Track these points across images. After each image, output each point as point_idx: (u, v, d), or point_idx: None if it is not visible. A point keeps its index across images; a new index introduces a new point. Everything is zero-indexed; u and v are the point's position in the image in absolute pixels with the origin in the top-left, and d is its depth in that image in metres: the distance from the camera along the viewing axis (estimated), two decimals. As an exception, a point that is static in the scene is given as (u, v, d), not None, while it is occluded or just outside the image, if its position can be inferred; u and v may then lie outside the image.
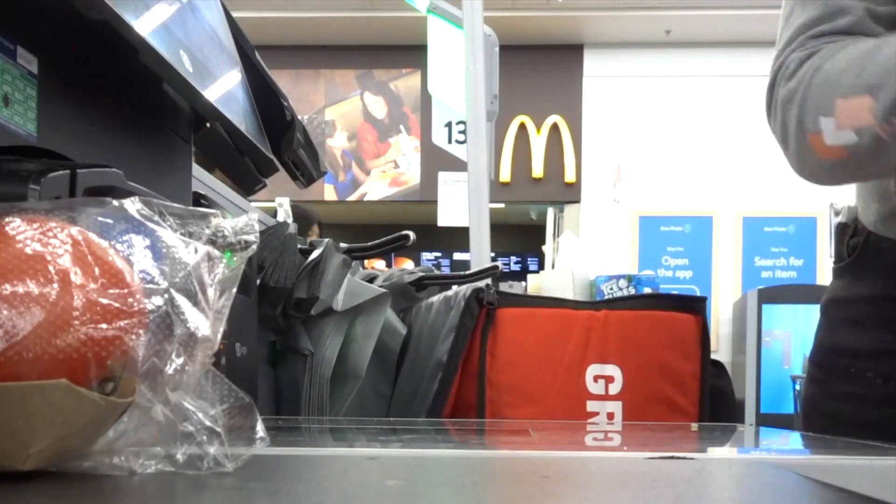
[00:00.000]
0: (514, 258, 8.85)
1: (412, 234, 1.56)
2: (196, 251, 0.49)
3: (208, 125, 1.00)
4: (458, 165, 3.78)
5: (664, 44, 7.26)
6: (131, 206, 0.50)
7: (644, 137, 7.23)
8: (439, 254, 8.74)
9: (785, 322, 6.45)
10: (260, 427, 0.50)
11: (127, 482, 0.45)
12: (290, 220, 2.72)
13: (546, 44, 7.27)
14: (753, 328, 6.48)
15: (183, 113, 0.98)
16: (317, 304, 1.32)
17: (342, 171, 7.57)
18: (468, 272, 1.94)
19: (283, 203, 3.39)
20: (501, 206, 7.22)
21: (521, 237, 8.70)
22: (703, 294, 5.29)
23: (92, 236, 0.46)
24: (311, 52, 7.46)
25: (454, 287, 1.64)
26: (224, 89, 0.94)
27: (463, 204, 3.41)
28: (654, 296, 3.02)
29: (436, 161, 6.05)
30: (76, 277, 0.43)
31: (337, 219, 7.50)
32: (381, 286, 1.52)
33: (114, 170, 0.66)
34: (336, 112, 7.60)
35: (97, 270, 0.45)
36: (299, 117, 1.21)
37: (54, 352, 0.42)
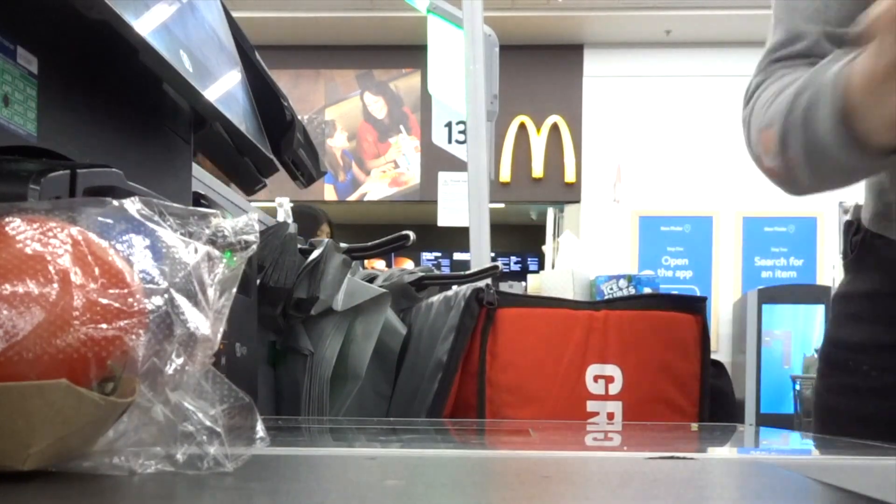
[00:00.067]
0: (514, 258, 8.86)
1: (412, 234, 1.56)
2: (196, 251, 0.49)
3: (208, 125, 1.00)
4: (458, 165, 3.78)
5: (664, 44, 7.26)
6: (131, 206, 0.50)
7: (644, 137, 7.23)
8: (439, 254, 8.74)
9: (785, 322, 6.45)
10: (260, 427, 0.50)
11: (127, 482, 0.45)
12: (290, 220, 2.72)
13: (546, 44, 7.27)
14: (753, 328, 6.48)
15: (183, 113, 0.98)
16: (317, 304, 1.32)
17: (342, 171, 7.57)
18: (468, 272, 1.94)
19: (283, 203, 3.39)
20: (501, 206, 7.22)
21: (521, 237, 8.70)
22: (703, 294, 5.28)
23: (92, 236, 0.46)
24: (311, 52, 7.46)
25: (454, 287, 1.63)
26: (224, 89, 0.94)
27: (463, 204, 3.41)
28: (654, 296, 3.02)
29: (436, 161, 6.05)
30: (76, 277, 0.43)
31: (337, 219, 7.48)
32: (381, 286, 1.52)
33: (114, 170, 0.66)
34: (336, 112, 7.60)
35: (97, 270, 0.45)
36: (299, 117, 1.21)
37: (54, 352, 0.42)
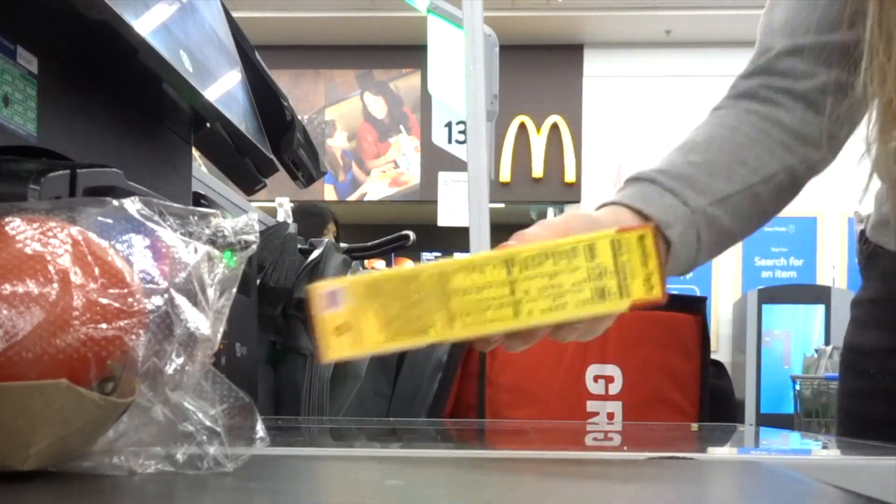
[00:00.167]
0: (514, 258, 8.84)
1: (412, 234, 1.56)
2: (196, 251, 0.49)
3: (208, 125, 1.00)
4: (458, 165, 3.77)
5: (664, 44, 7.26)
6: (131, 206, 0.50)
7: (644, 137, 7.22)
8: (439, 254, 8.72)
9: (785, 322, 6.45)
10: (260, 427, 0.50)
11: (127, 482, 0.45)
12: (290, 220, 2.72)
13: (546, 44, 7.26)
14: (753, 328, 6.48)
15: (183, 113, 0.98)
16: (317, 304, 1.32)
17: (342, 171, 7.57)
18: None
19: (283, 203, 3.39)
20: (501, 206, 7.21)
21: (521, 237, 8.69)
22: (703, 294, 5.28)
23: (92, 236, 0.46)
24: (311, 52, 7.46)
25: (454, 287, 1.63)
26: (224, 89, 0.94)
27: (463, 204, 3.40)
28: (654, 296, 3.01)
29: (436, 161, 6.04)
30: (76, 277, 0.43)
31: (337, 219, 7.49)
32: (381, 286, 1.52)
33: (114, 170, 0.66)
34: (336, 112, 7.60)
35: (97, 270, 0.45)
36: (299, 117, 1.21)
37: (54, 352, 0.42)
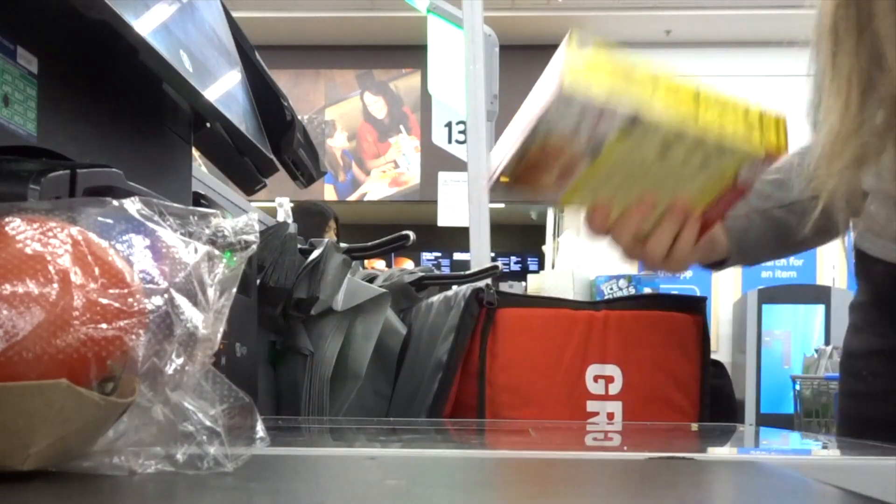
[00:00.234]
0: (514, 258, 8.85)
1: (412, 234, 1.56)
2: (196, 251, 0.49)
3: (208, 125, 1.00)
4: (458, 165, 3.77)
5: (664, 44, 7.26)
6: (131, 206, 0.50)
7: (644, 137, 7.21)
8: (439, 254, 8.73)
9: (785, 322, 6.44)
10: (260, 427, 0.50)
11: (127, 482, 0.45)
12: (290, 220, 2.72)
13: (546, 44, 7.25)
14: (753, 328, 6.47)
15: (183, 113, 0.98)
16: (317, 304, 1.32)
17: (342, 171, 7.57)
18: (468, 272, 1.94)
19: (283, 203, 3.39)
20: (501, 206, 7.21)
21: (521, 237, 8.69)
22: (703, 294, 5.27)
23: (92, 236, 0.46)
24: (311, 52, 7.46)
25: (454, 287, 1.63)
26: (224, 89, 0.94)
27: (463, 204, 3.40)
28: (654, 296, 3.01)
29: (436, 161, 6.04)
30: (76, 277, 0.43)
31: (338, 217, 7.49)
32: (381, 286, 1.52)
33: (114, 170, 0.66)
34: (336, 112, 7.60)
35: (97, 270, 0.45)
36: (299, 117, 1.21)
37: (54, 352, 0.42)
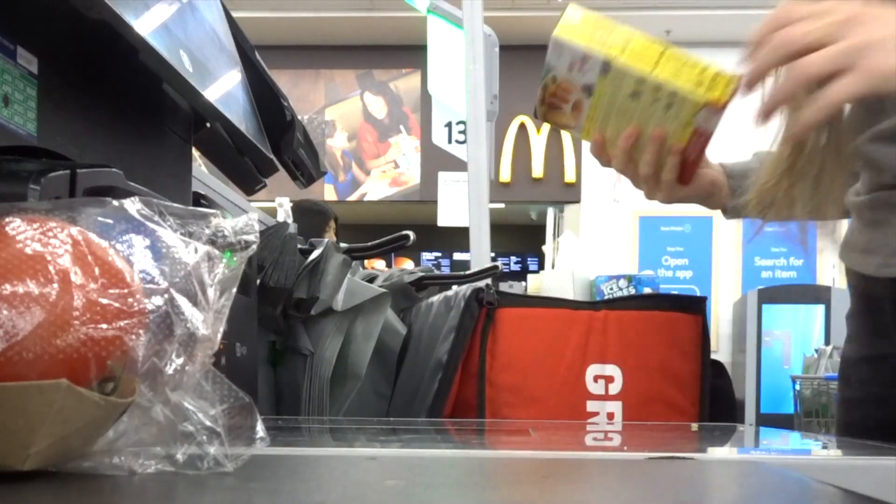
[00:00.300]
0: (514, 258, 8.85)
1: (412, 234, 1.56)
2: (196, 251, 0.49)
3: (208, 125, 1.00)
4: (458, 165, 3.77)
5: (664, 44, 7.25)
6: (131, 206, 0.50)
7: (644, 137, 7.22)
8: (439, 254, 8.73)
9: (785, 322, 6.44)
10: (260, 427, 0.50)
11: (127, 482, 0.45)
12: (290, 220, 2.72)
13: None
14: (753, 328, 6.47)
15: (183, 113, 0.98)
16: (317, 304, 1.32)
17: (342, 171, 7.57)
18: (468, 272, 1.94)
19: (283, 203, 3.39)
20: (501, 206, 7.21)
21: (521, 237, 8.69)
22: (703, 294, 5.28)
23: (92, 236, 0.46)
24: (311, 52, 7.45)
25: (454, 287, 1.63)
26: (224, 89, 0.94)
27: (463, 204, 3.41)
28: (654, 296, 3.02)
29: (436, 161, 6.04)
30: (76, 277, 0.43)
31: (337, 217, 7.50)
32: (381, 286, 1.52)
33: (114, 170, 0.66)
34: (336, 112, 7.60)
35: (97, 270, 0.45)
36: (299, 117, 1.21)
37: (54, 352, 0.42)
